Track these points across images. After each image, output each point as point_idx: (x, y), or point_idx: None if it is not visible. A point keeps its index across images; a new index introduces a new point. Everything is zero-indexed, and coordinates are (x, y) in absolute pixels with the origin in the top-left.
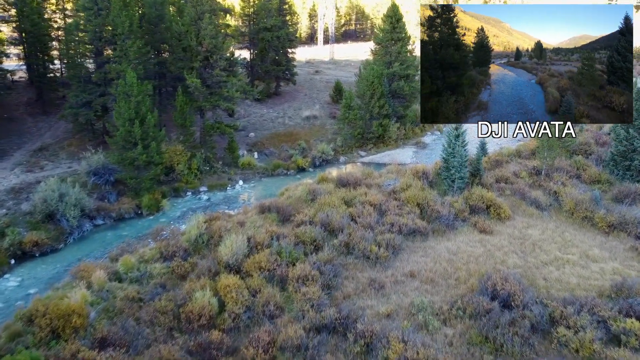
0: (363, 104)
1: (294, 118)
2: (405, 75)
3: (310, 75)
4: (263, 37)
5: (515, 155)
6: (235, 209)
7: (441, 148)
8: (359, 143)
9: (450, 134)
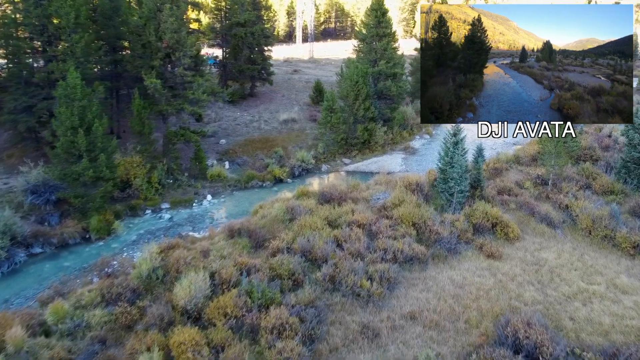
0: (346, 106)
1: (270, 122)
2: (392, 74)
3: (289, 74)
4: (236, 33)
5: (514, 161)
6: (200, 231)
7: (432, 153)
8: (342, 149)
9: (448, 141)
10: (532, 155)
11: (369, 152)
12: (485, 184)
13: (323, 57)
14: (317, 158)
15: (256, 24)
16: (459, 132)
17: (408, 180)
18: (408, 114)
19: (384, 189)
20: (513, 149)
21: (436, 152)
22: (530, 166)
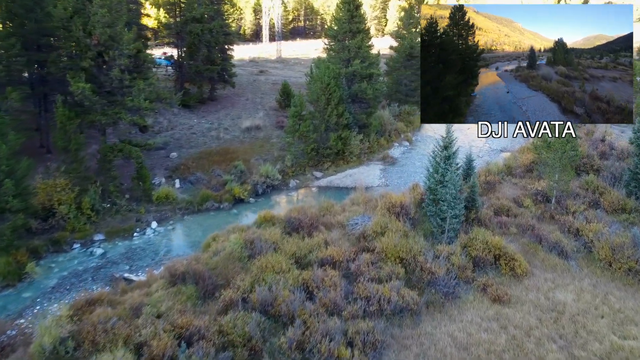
0: (317, 111)
1: (231, 130)
2: (368, 75)
3: (254, 75)
4: (191, 30)
5: (505, 172)
6: (139, 271)
7: (413, 163)
8: (313, 161)
9: (437, 155)
10: (525, 165)
11: (344, 163)
12: (481, 204)
13: (292, 57)
14: (284, 172)
15: (215, 19)
16: (451, 145)
17: (390, 201)
18: (385, 118)
19: (362, 210)
20: (501, 157)
21: (418, 161)
22: (525, 178)
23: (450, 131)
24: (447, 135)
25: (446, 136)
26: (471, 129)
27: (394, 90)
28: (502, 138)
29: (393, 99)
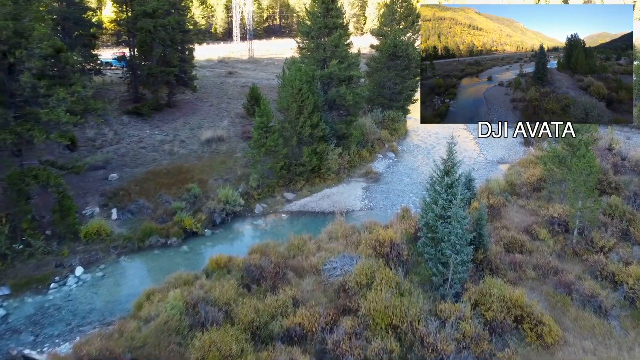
0: (287, 122)
1: (188, 143)
2: (347, 77)
3: (222, 77)
4: (142, 25)
5: (509, 191)
6: (47, 344)
7: (400, 179)
8: (283, 180)
9: (436, 182)
10: (531, 183)
11: (320, 181)
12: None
13: (265, 57)
14: (248, 195)
15: (170, 14)
16: (454, 169)
17: (377, 238)
18: (367, 127)
19: (341, 248)
20: (500, 170)
21: (405, 176)
22: (532, 199)
23: (453, 150)
24: (449, 155)
25: (448, 157)
26: (462, 136)
27: (376, 93)
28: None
29: (375, 104)
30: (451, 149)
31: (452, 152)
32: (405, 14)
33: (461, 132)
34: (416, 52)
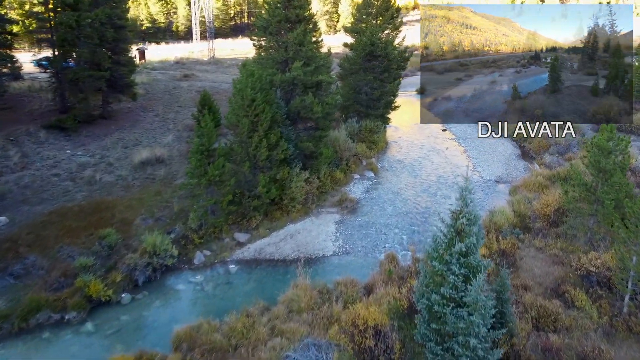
0: (237, 143)
1: (118, 166)
2: (314, 83)
3: (175, 81)
4: (62, 20)
5: (519, 226)
6: None
7: (382, 208)
8: (235, 216)
9: (440, 244)
10: (547, 214)
11: (282, 215)
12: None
13: (229, 57)
14: (186, 239)
15: (99, 6)
16: (471, 228)
17: (355, 319)
18: (341, 141)
19: (305, 330)
20: (500, 193)
21: (389, 204)
22: (549, 236)
23: (468, 199)
24: (463, 207)
25: (461, 210)
26: (451, 148)
27: (351, 100)
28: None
29: (350, 112)
30: (465, 198)
31: (467, 202)
32: (383, 7)
33: (450, 143)
34: (396, 52)
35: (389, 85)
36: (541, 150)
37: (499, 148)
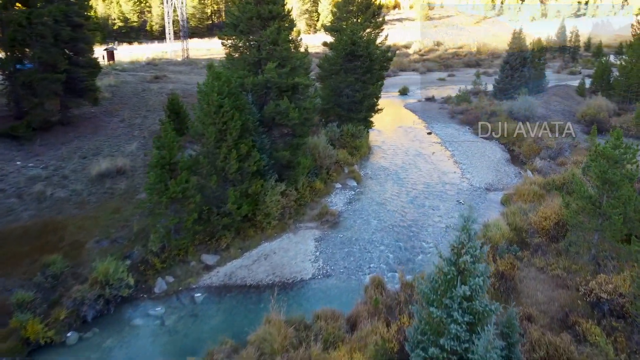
0: (204, 154)
1: (73, 180)
2: (290, 86)
3: (145, 83)
4: (12, 18)
5: (516, 241)
6: None
7: (367, 222)
8: (202, 236)
9: (437, 285)
10: (545, 228)
11: (255, 233)
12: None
13: (205, 57)
14: (146, 264)
15: (54, 2)
16: (475, 266)
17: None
18: (321, 148)
19: None
20: (492, 202)
21: (373, 216)
22: (550, 253)
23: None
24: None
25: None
26: (437, 153)
27: (332, 103)
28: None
29: (330, 116)
30: (469, 230)
31: (470, 235)
32: (363, 5)
33: (436, 147)
34: (379, 52)
35: (371, 86)
36: (532, 154)
37: (487, 152)
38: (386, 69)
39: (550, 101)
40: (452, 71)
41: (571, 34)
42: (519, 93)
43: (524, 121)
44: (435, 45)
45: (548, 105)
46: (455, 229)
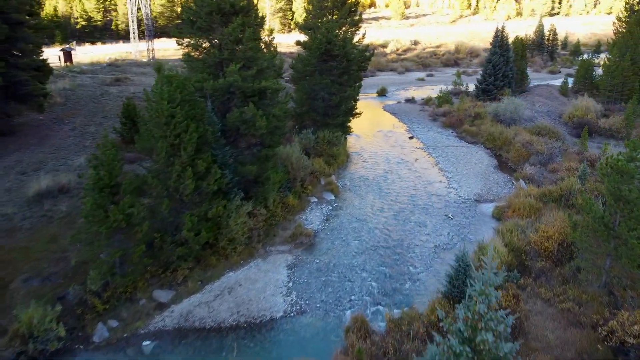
0: (155, 171)
1: (5, 201)
2: (258, 91)
3: (105, 86)
4: None
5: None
6: None
7: (347, 242)
8: (153, 269)
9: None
10: (547, 249)
11: (218, 261)
12: None
13: (173, 58)
14: (84, 306)
15: None
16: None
17: None
18: (294, 159)
19: None
20: (483, 216)
21: (353, 236)
22: (555, 279)
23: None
24: (486, 310)
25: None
26: (421, 159)
27: (307, 107)
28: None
29: (305, 122)
30: (488, 296)
31: (491, 302)
32: (339, 1)
33: (418, 153)
34: (356, 51)
35: (349, 89)
36: (520, 160)
37: (473, 158)
38: (364, 69)
39: (534, 102)
40: (431, 71)
41: (549, 32)
42: (502, 94)
43: (510, 124)
44: (413, 44)
45: (533, 106)
46: (455, 266)
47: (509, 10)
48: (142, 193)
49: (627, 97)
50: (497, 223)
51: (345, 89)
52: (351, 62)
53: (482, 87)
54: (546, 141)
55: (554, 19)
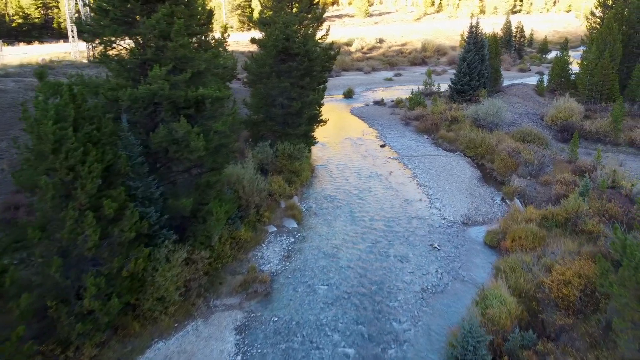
0: (39, 219)
1: None
2: (193, 102)
3: (31, 92)
4: None
5: (526, 320)
6: None
7: (313, 289)
8: (49, 347)
9: None
10: (566, 297)
11: (142, 327)
12: None
13: None
14: None
15: None
16: None
17: None
18: (246, 182)
19: None
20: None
21: (321, 280)
22: (580, 341)
23: None
24: None
25: None
26: (395, 172)
27: (262, 115)
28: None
29: (261, 132)
30: None
31: None
32: None
33: (393, 164)
34: (319, 49)
35: (311, 93)
36: (507, 171)
37: (454, 170)
38: (329, 69)
39: (511, 103)
40: (399, 70)
41: (516, 29)
42: (478, 94)
43: (491, 129)
44: (378, 43)
45: (511, 107)
46: None
47: (472, 8)
48: (18, 252)
49: (607, 97)
50: (490, 252)
51: (307, 93)
52: (313, 62)
53: (457, 87)
54: (534, 149)
55: (516, 17)
